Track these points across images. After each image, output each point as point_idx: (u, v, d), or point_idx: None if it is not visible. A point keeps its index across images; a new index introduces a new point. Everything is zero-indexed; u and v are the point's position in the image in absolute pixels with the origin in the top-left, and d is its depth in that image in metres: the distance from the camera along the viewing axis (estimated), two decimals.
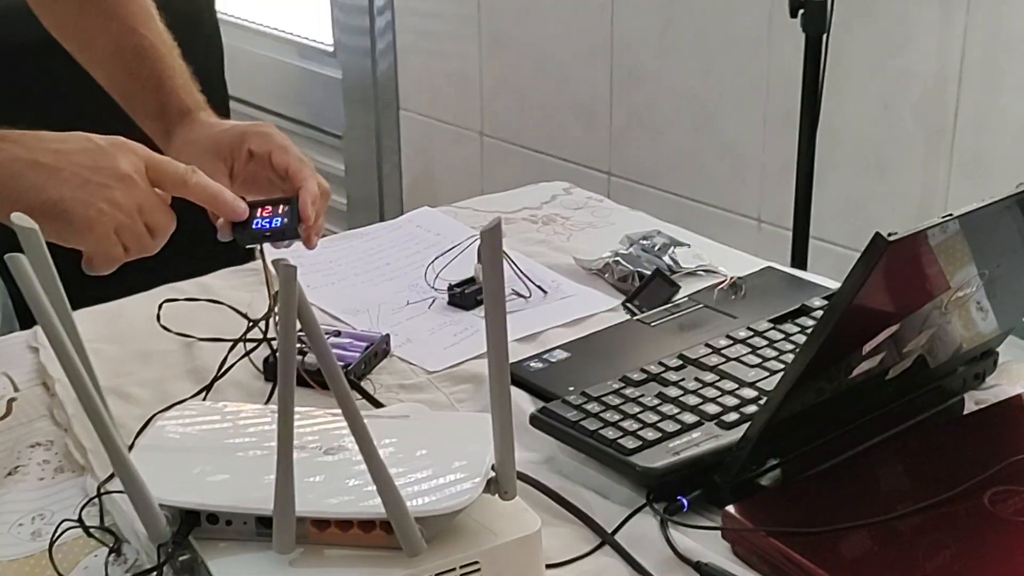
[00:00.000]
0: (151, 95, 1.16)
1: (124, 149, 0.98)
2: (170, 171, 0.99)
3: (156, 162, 0.99)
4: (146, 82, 1.17)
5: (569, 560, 0.85)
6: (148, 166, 0.98)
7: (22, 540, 0.88)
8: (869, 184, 1.96)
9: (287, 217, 1.00)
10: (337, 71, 2.82)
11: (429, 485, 0.79)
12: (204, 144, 1.11)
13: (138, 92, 1.17)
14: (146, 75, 1.17)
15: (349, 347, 1.09)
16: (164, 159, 1.00)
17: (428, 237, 1.37)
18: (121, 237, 0.97)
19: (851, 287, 0.79)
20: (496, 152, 2.56)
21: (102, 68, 1.20)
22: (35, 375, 1.10)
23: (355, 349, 1.09)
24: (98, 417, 0.73)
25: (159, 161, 0.99)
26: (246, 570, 0.77)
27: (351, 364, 1.06)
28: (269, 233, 0.99)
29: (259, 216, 0.99)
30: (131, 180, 0.96)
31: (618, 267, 1.24)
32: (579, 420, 0.93)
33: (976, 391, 1.03)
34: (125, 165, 0.96)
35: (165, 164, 0.99)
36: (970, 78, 1.80)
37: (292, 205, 1.01)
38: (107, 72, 1.20)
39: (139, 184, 0.97)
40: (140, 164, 0.98)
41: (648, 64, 2.22)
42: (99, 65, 1.20)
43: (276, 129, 1.12)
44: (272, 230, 0.99)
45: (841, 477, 0.90)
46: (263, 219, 1.00)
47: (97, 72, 1.21)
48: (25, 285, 0.70)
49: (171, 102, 1.15)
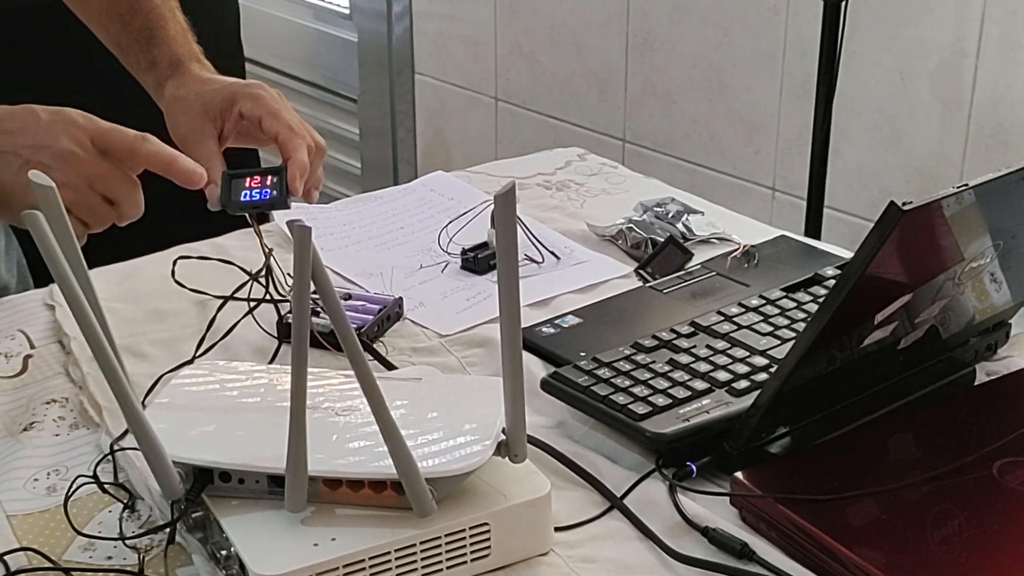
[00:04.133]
0: (143, 47, 1.15)
1: (67, 123, 0.96)
2: (116, 141, 0.96)
3: (102, 132, 0.96)
4: (138, 34, 1.15)
5: (578, 523, 0.86)
6: (94, 137, 0.96)
7: (37, 495, 0.89)
8: (884, 155, 1.95)
9: (276, 189, 0.99)
10: (353, 34, 2.81)
11: (440, 447, 0.80)
12: (193, 103, 1.09)
13: (131, 44, 1.16)
14: (138, 27, 1.15)
15: (361, 310, 1.10)
16: (110, 128, 0.97)
17: (442, 201, 1.37)
18: (76, 213, 0.95)
19: (864, 256, 0.79)
20: (510, 117, 2.55)
21: (99, 23, 1.19)
22: (51, 333, 1.11)
23: (368, 312, 1.09)
24: (113, 375, 0.73)
25: (105, 130, 0.97)
26: (258, 528, 0.78)
27: (364, 327, 1.07)
28: (257, 204, 0.98)
29: (247, 187, 0.99)
30: (73, 156, 0.94)
31: (631, 234, 1.24)
32: (590, 385, 0.94)
33: (987, 362, 1.03)
34: (66, 141, 0.95)
35: (111, 133, 0.96)
36: (988, 50, 1.79)
37: (280, 175, 0.99)
38: (103, 26, 1.18)
39: (82, 158, 0.95)
40: (84, 137, 0.95)
41: (663, 31, 2.21)
42: (96, 20, 1.19)
43: (267, 90, 1.09)
44: (260, 202, 0.98)
45: (851, 446, 0.90)
46: (252, 190, 0.99)
47: (95, 27, 1.19)
48: (42, 243, 0.71)
49: (162, 53, 1.14)
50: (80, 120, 0.97)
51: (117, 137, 0.97)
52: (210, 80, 1.11)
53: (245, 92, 1.08)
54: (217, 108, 1.08)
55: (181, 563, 0.82)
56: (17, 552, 0.82)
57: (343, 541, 0.77)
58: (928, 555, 0.79)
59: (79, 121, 0.96)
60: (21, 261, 1.33)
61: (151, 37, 1.14)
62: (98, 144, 0.96)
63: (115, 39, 1.18)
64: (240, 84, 1.10)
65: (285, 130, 1.06)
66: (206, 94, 1.09)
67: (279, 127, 1.06)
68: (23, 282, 1.31)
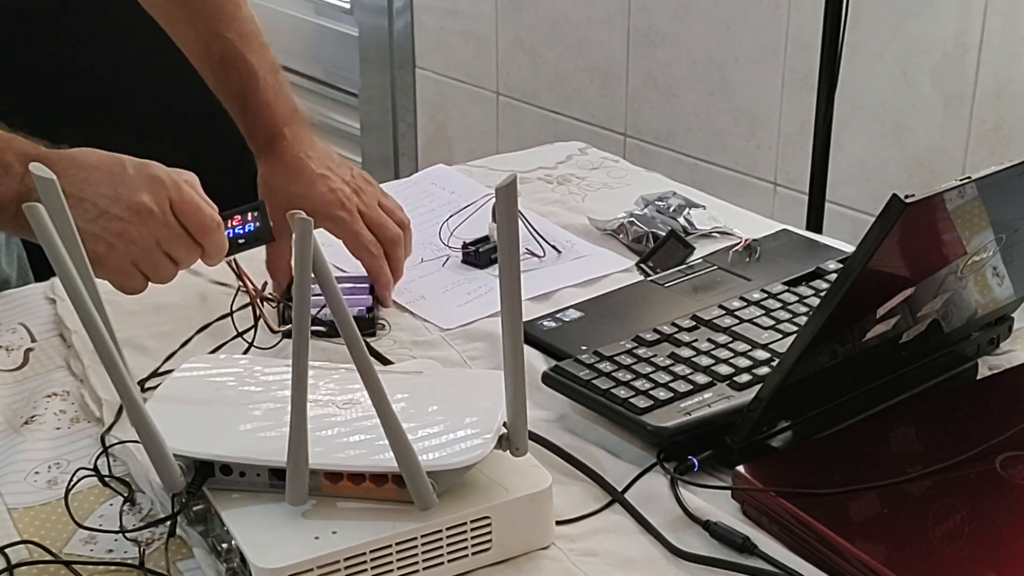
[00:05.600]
0: (238, 112, 1.15)
1: (150, 179, 0.96)
2: (191, 216, 0.97)
3: (182, 200, 0.96)
4: (234, 96, 1.15)
5: (579, 517, 0.85)
6: (173, 201, 0.96)
7: (38, 488, 0.89)
8: (886, 149, 1.95)
9: (258, 221, 1.02)
10: (353, 28, 2.81)
11: (441, 440, 0.80)
12: (280, 201, 1.10)
13: (227, 102, 1.16)
14: (234, 89, 1.15)
15: (354, 292, 1.10)
16: (191, 200, 0.97)
17: (443, 195, 1.37)
18: (140, 267, 0.96)
19: (866, 249, 0.79)
20: (511, 112, 2.55)
21: (197, 65, 1.18)
22: (52, 326, 1.11)
23: (360, 292, 1.10)
24: (114, 368, 0.73)
25: (186, 200, 0.97)
26: (259, 521, 0.78)
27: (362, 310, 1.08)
28: (243, 240, 1.02)
29: (231, 225, 1.02)
30: (148, 213, 0.95)
31: (633, 228, 1.24)
32: (591, 379, 0.94)
33: (990, 356, 1.03)
34: (146, 197, 0.95)
35: (189, 207, 0.97)
36: (990, 43, 1.79)
37: (260, 210, 1.03)
38: (201, 70, 1.18)
39: (157, 217, 0.95)
40: (163, 197, 0.96)
41: (665, 26, 2.20)
42: (194, 62, 1.18)
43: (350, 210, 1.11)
44: (245, 235, 1.02)
45: (852, 440, 0.90)
46: (235, 227, 1.02)
47: (196, 67, 1.18)
48: (44, 236, 0.70)
49: (257, 125, 1.14)
50: (165, 179, 0.97)
51: (193, 213, 0.97)
52: (298, 175, 1.12)
53: (325, 213, 1.11)
54: None
55: (182, 556, 0.82)
56: (18, 545, 0.82)
57: (344, 534, 0.77)
58: (930, 549, 0.79)
59: (163, 180, 0.96)
60: (21, 255, 1.33)
61: (246, 106, 1.15)
62: (175, 209, 0.96)
63: (213, 88, 1.17)
64: (322, 200, 1.11)
65: (366, 256, 1.11)
66: (293, 198, 1.11)
67: (360, 253, 1.12)
68: (23, 276, 1.31)
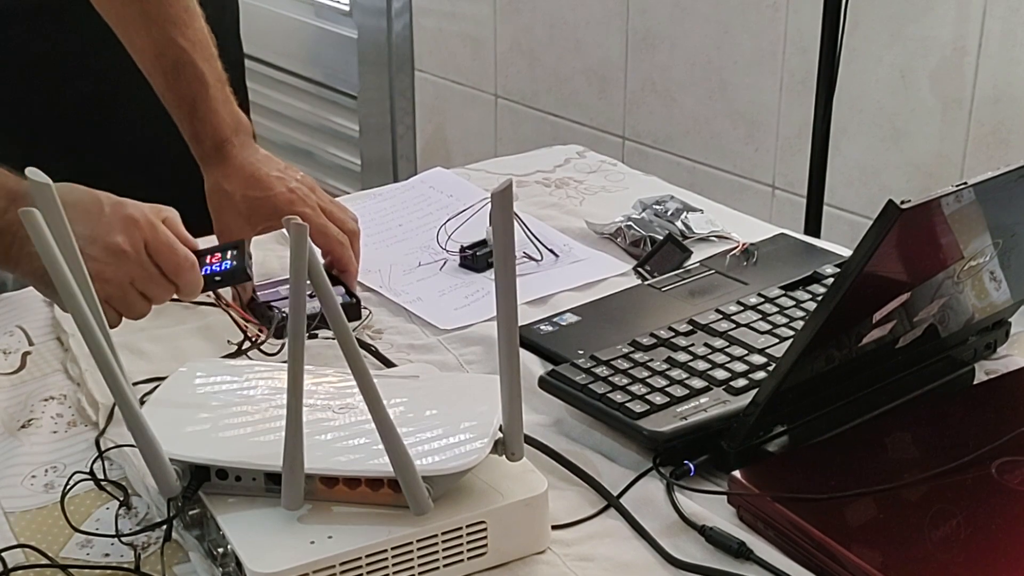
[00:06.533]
0: (186, 117, 1.16)
1: (126, 220, 0.97)
2: (165, 258, 0.98)
3: (157, 242, 0.97)
4: (182, 101, 1.16)
5: (575, 522, 0.85)
6: (148, 242, 0.97)
7: (35, 492, 0.89)
8: (884, 153, 1.95)
9: (235, 260, 1.03)
10: (352, 30, 2.81)
11: (437, 445, 0.80)
12: (239, 205, 1.12)
13: (175, 109, 1.17)
14: (182, 93, 1.16)
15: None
16: (166, 242, 0.98)
17: (441, 198, 1.37)
18: (112, 305, 0.97)
19: (863, 254, 0.79)
20: (510, 115, 2.55)
21: (146, 70, 1.19)
22: (50, 329, 1.11)
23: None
24: (111, 372, 0.73)
25: (161, 242, 0.97)
26: (255, 525, 0.78)
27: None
28: (220, 277, 1.02)
29: (208, 263, 1.02)
30: (123, 255, 0.96)
31: (630, 232, 1.24)
32: (587, 383, 0.94)
33: (987, 361, 1.03)
34: (120, 238, 0.96)
35: (164, 249, 0.98)
36: (989, 48, 1.79)
37: (239, 248, 1.04)
38: (150, 76, 1.18)
39: (132, 258, 0.96)
40: (138, 238, 0.96)
41: (663, 28, 2.20)
42: (144, 66, 1.19)
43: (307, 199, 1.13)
44: (223, 273, 1.02)
45: (849, 445, 0.90)
46: (213, 265, 1.02)
47: (144, 71, 1.19)
48: (39, 240, 0.70)
49: (205, 131, 1.15)
50: (140, 219, 0.97)
51: (167, 253, 0.98)
52: (254, 180, 1.13)
53: (289, 212, 1.11)
54: (261, 217, 1.13)
55: (178, 560, 0.82)
56: (15, 549, 0.82)
57: (340, 539, 0.77)
58: (926, 554, 0.79)
59: (138, 220, 0.97)
60: None
61: (194, 111, 1.15)
62: (150, 249, 0.97)
63: (161, 94, 1.18)
64: (283, 199, 1.13)
65: (336, 247, 1.13)
66: (253, 201, 1.13)
67: (330, 244, 1.13)
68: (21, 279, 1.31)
